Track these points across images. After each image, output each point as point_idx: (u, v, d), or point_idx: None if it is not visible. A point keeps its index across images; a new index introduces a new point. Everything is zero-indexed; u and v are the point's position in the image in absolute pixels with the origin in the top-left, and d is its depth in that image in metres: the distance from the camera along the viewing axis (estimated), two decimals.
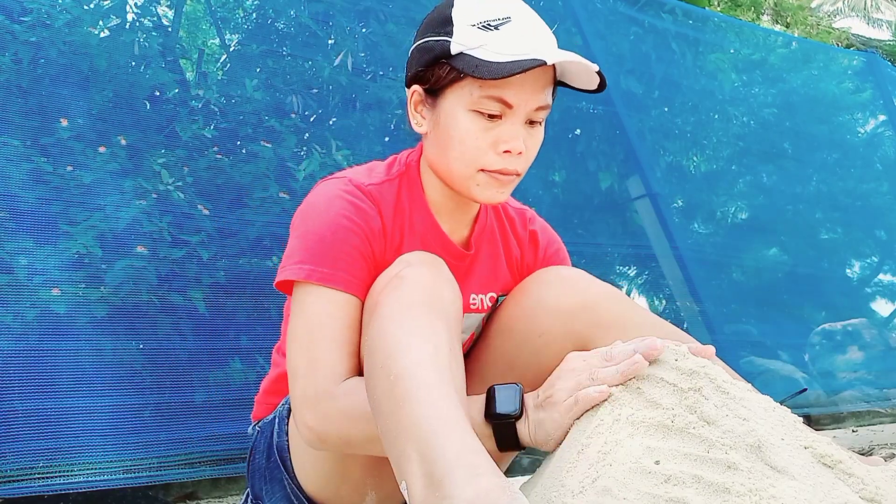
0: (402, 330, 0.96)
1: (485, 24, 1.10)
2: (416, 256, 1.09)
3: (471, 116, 1.11)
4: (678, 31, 4.17)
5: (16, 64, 2.33)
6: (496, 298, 1.31)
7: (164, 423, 2.24)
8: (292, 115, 2.82)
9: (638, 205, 3.77)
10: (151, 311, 2.31)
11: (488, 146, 1.12)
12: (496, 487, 0.78)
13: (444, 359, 0.93)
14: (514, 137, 1.11)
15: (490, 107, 1.10)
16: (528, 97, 1.11)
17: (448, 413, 0.86)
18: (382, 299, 1.02)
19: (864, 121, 5.16)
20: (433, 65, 1.13)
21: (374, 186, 1.19)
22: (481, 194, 1.16)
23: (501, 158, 1.12)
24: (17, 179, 2.22)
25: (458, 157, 1.13)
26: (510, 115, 1.11)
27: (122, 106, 2.52)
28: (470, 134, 1.12)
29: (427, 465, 0.82)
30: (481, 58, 1.08)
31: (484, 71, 1.06)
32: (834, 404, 3.95)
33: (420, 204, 1.23)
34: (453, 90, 1.12)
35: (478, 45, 1.09)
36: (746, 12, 7.28)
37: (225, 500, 2.43)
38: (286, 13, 3.15)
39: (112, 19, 2.65)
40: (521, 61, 1.06)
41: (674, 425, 0.86)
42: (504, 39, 1.09)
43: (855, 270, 4.92)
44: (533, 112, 1.13)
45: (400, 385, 0.90)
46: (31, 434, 2.04)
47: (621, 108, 3.76)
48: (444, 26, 1.13)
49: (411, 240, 1.20)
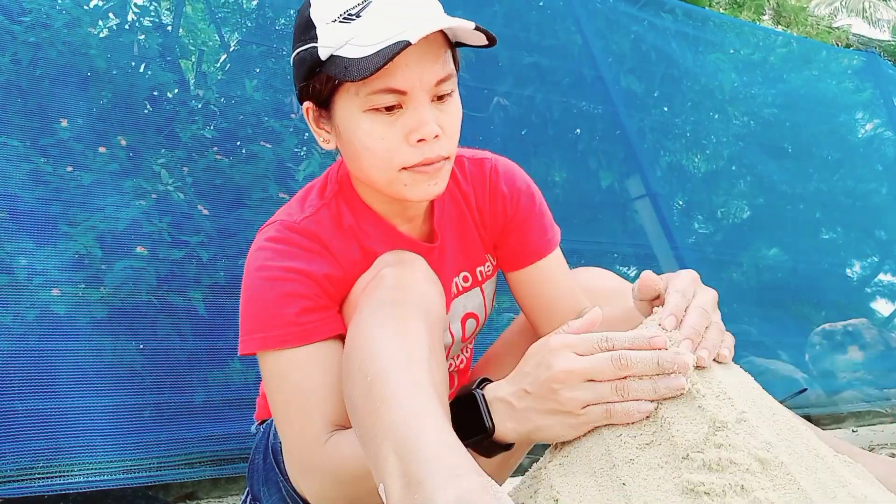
0: (379, 330, 0.92)
1: (345, 16, 0.98)
2: (393, 256, 1.07)
3: (368, 117, 1.00)
4: (678, 30, 4.17)
5: (15, 64, 2.33)
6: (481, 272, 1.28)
7: (164, 424, 2.24)
8: (292, 115, 2.82)
9: (638, 204, 3.77)
10: (151, 311, 2.31)
11: (400, 141, 1.01)
12: (478, 488, 0.74)
13: (423, 357, 0.90)
14: (422, 123, 0.99)
15: (383, 100, 0.99)
16: (420, 75, 0.99)
17: (426, 412, 0.83)
18: (361, 301, 1.00)
19: (864, 121, 5.16)
20: (310, 77, 1.03)
21: (307, 220, 1.10)
22: (413, 193, 1.05)
23: (418, 150, 1.01)
24: (17, 180, 2.22)
25: (373, 163, 1.03)
26: (410, 100, 0.99)
27: (121, 106, 2.52)
28: (373, 135, 1.00)
29: (405, 466, 0.79)
30: (349, 56, 0.97)
31: (353, 72, 0.95)
32: (834, 404, 3.95)
33: (366, 214, 1.14)
34: (340, 97, 1.02)
35: (344, 41, 0.98)
36: (747, 12, 7.28)
37: (225, 500, 2.43)
38: (286, 13, 3.15)
39: (111, 19, 2.65)
40: (384, 50, 0.94)
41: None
42: (369, 26, 0.97)
43: (855, 270, 4.92)
44: (434, 87, 1.00)
45: (377, 386, 0.87)
46: (31, 434, 2.04)
47: (621, 108, 3.76)
48: (308, 31, 1.02)
49: (371, 249, 1.13)
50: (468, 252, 1.24)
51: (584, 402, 0.85)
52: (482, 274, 1.27)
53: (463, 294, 1.26)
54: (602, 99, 3.77)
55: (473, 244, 1.25)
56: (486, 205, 1.23)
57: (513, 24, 3.59)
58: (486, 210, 1.24)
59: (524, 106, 3.62)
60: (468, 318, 1.27)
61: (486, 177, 1.23)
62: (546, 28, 3.72)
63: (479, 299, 1.28)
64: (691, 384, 0.86)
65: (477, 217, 1.23)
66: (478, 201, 1.23)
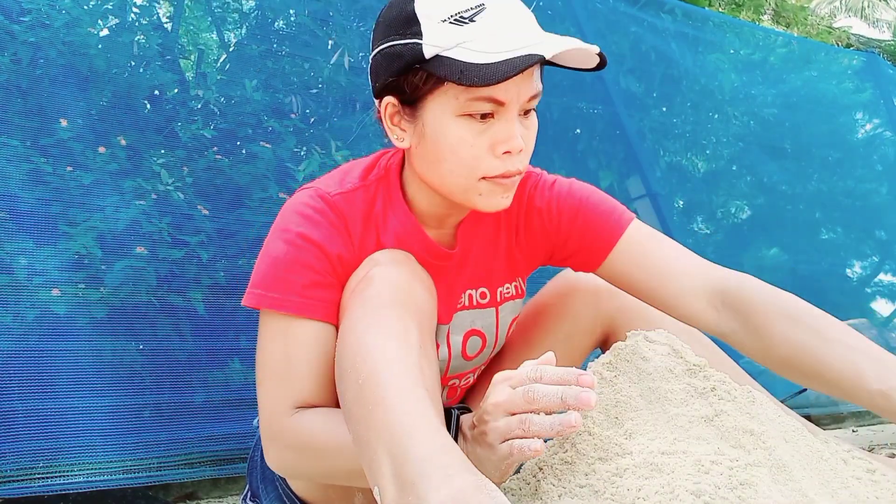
0: (369, 332, 0.93)
1: (457, 18, 0.97)
2: (384, 255, 1.06)
3: (460, 122, 1.00)
4: (678, 30, 4.17)
5: (15, 64, 2.33)
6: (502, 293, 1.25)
7: (164, 424, 2.24)
8: (292, 115, 2.82)
9: (638, 204, 3.77)
10: (151, 311, 2.31)
11: (486, 150, 1.01)
12: (471, 486, 0.74)
13: (414, 358, 0.90)
14: (511, 136, 1.01)
15: (481, 108, 0.99)
16: (519, 89, 1.00)
17: (418, 413, 0.83)
18: (351, 302, 1.00)
19: (864, 121, 5.15)
20: (405, 72, 1.01)
21: (340, 196, 1.11)
22: (485, 204, 1.06)
23: (501, 161, 1.02)
24: (16, 180, 2.21)
25: (455, 168, 1.03)
26: (503, 112, 1.01)
27: (121, 106, 2.51)
28: (464, 142, 1.00)
29: (398, 468, 0.79)
30: (464, 60, 0.96)
31: (473, 77, 0.94)
32: (834, 404, 3.94)
33: (398, 207, 1.14)
34: (435, 97, 1.01)
35: (454, 43, 0.97)
36: (747, 12, 7.28)
37: (225, 500, 2.43)
38: (285, 13, 3.15)
39: (111, 19, 2.65)
40: (513, 60, 0.94)
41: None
42: (484, 33, 0.97)
43: (855, 270, 4.92)
44: (527, 101, 1.03)
45: (368, 388, 0.87)
46: (31, 434, 2.03)
47: (621, 108, 3.76)
48: (409, 26, 1.00)
49: (388, 244, 1.13)
50: (493, 268, 1.23)
51: (501, 435, 0.86)
52: (502, 295, 1.25)
53: (475, 309, 1.24)
54: (602, 99, 3.77)
55: (502, 262, 1.23)
56: (522, 223, 1.23)
57: None
58: (522, 229, 1.23)
59: None
60: (472, 335, 1.25)
61: (525, 195, 1.23)
62: (545, 28, 3.72)
63: (491, 319, 1.26)
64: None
65: (513, 237, 1.22)
66: (516, 220, 1.23)
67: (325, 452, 1.02)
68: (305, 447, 1.04)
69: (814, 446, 0.90)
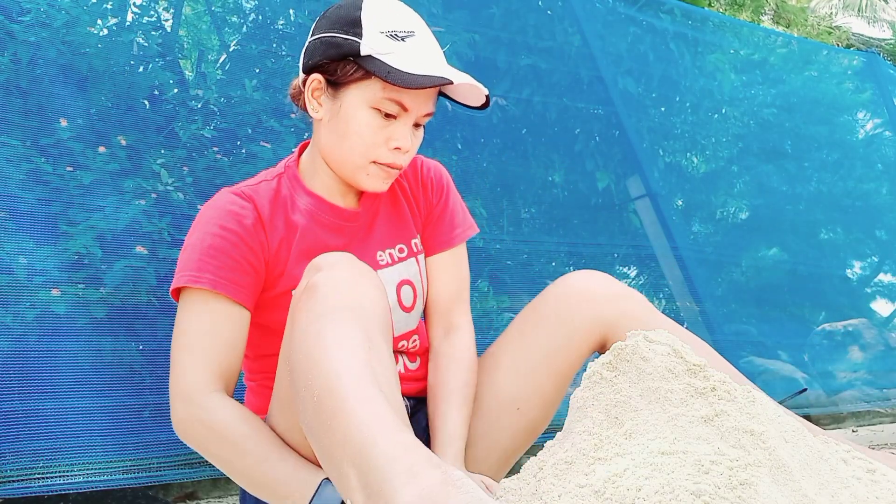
0: (316, 344, 0.95)
1: (392, 34, 1.20)
2: (324, 259, 1.09)
3: (370, 113, 1.21)
4: (677, 30, 4.17)
5: (15, 64, 2.33)
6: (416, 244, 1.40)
7: (164, 424, 2.23)
8: (292, 115, 2.82)
9: (638, 205, 3.77)
10: (151, 311, 2.31)
11: (382, 141, 1.23)
12: (437, 482, 0.75)
13: (362, 360, 0.92)
14: (404, 136, 1.23)
15: (389, 108, 1.21)
16: (422, 104, 1.23)
17: (376, 418, 0.84)
18: (295, 314, 1.02)
19: (864, 121, 5.16)
20: (340, 60, 1.21)
21: (248, 187, 1.28)
22: (369, 184, 1.26)
23: (392, 154, 1.24)
24: (16, 179, 2.22)
25: (355, 147, 1.23)
26: (404, 117, 1.23)
27: (121, 106, 2.52)
28: (368, 128, 1.21)
29: (363, 476, 0.80)
30: (392, 65, 1.17)
31: (396, 78, 1.16)
32: (834, 404, 3.95)
33: (301, 190, 1.31)
34: (358, 86, 1.21)
35: (387, 51, 1.19)
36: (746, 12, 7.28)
37: (225, 500, 2.43)
38: (285, 13, 3.15)
39: (111, 19, 2.65)
40: (430, 76, 1.16)
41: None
42: (410, 52, 1.20)
43: (855, 270, 4.92)
44: (421, 117, 1.25)
45: (323, 403, 0.88)
46: (31, 434, 2.03)
47: (621, 108, 3.76)
48: (353, 27, 1.21)
49: (299, 220, 1.27)
50: (401, 226, 1.39)
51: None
52: (417, 246, 1.40)
53: (398, 263, 1.36)
54: (601, 99, 3.77)
55: (406, 220, 1.40)
56: (419, 191, 1.42)
57: (511, 25, 3.59)
58: (420, 195, 1.42)
59: (523, 107, 3.62)
60: (403, 285, 1.36)
61: (418, 169, 1.44)
62: (544, 29, 3.72)
63: (414, 268, 1.38)
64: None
65: (411, 200, 1.41)
66: (410, 186, 1.42)
67: (232, 445, 1.09)
68: (218, 431, 1.10)
69: (814, 446, 0.90)
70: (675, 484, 0.79)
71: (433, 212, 1.43)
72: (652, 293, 4.12)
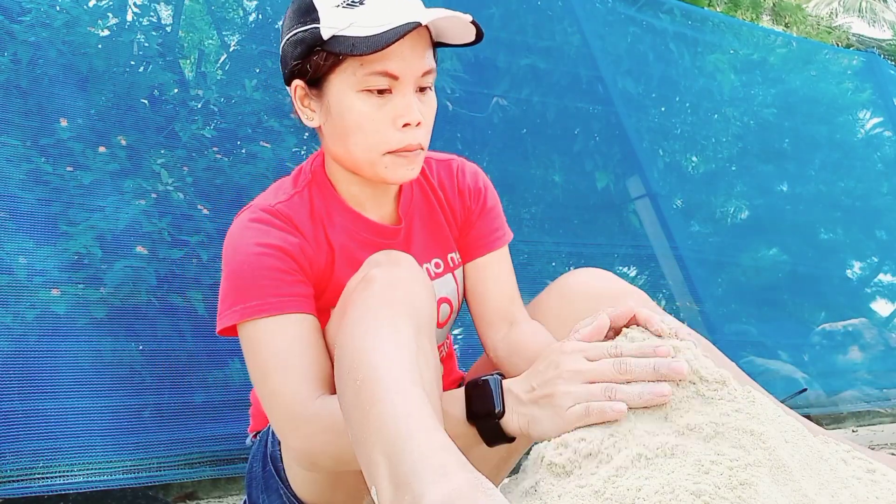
0: (368, 333, 0.93)
1: (349, 2, 1.09)
2: (383, 256, 1.07)
3: (361, 97, 1.09)
4: (677, 31, 4.17)
5: (15, 64, 2.33)
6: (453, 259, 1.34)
7: (164, 424, 2.24)
8: (292, 115, 2.82)
9: (637, 205, 3.77)
10: (151, 311, 2.31)
11: (387, 124, 1.10)
12: (466, 485, 0.74)
13: (410, 357, 0.91)
14: (408, 108, 1.10)
15: (377, 82, 1.08)
16: (412, 63, 1.09)
17: (415, 413, 0.83)
18: (349, 304, 1.01)
19: (864, 121, 5.16)
20: (308, 55, 1.11)
21: (282, 204, 1.17)
22: (392, 175, 1.14)
23: (403, 134, 1.11)
24: (17, 179, 2.22)
25: (360, 141, 1.12)
26: (399, 87, 1.10)
27: (121, 106, 2.52)
28: (365, 115, 1.10)
29: (394, 468, 0.79)
30: (355, 35, 1.06)
31: (362, 47, 1.05)
32: (834, 404, 3.95)
33: (336, 202, 1.22)
34: (336, 75, 1.10)
35: (347, 24, 1.07)
36: (746, 12, 7.28)
37: (225, 500, 2.43)
38: (285, 13, 3.15)
39: (111, 19, 2.65)
40: (394, 28, 1.04)
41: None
42: (371, 12, 1.07)
43: (855, 270, 4.92)
44: (420, 78, 1.11)
45: (365, 390, 0.87)
46: (31, 434, 2.04)
47: (620, 108, 3.76)
48: (308, 14, 1.11)
49: (337, 238, 1.19)
50: (438, 239, 1.32)
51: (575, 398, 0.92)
52: (453, 261, 1.34)
53: (437, 279, 1.31)
54: (601, 99, 3.77)
55: (443, 233, 1.33)
56: (456, 199, 1.33)
57: (510, 25, 3.59)
58: (456, 204, 1.34)
59: (523, 106, 3.62)
60: (442, 303, 1.31)
61: (454, 174, 1.34)
62: (544, 29, 3.72)
63: (452, 285, 1.33)
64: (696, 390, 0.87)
65: (447, 209, 1.33)
66: (446, 195, 1.33)
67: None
68: (340, 426, 1.01)
69: (814, 446, 0.90)
70: (675, 484, 0.79)
71: (470, 217, 1.34)
72: (652, 293, 4.11)
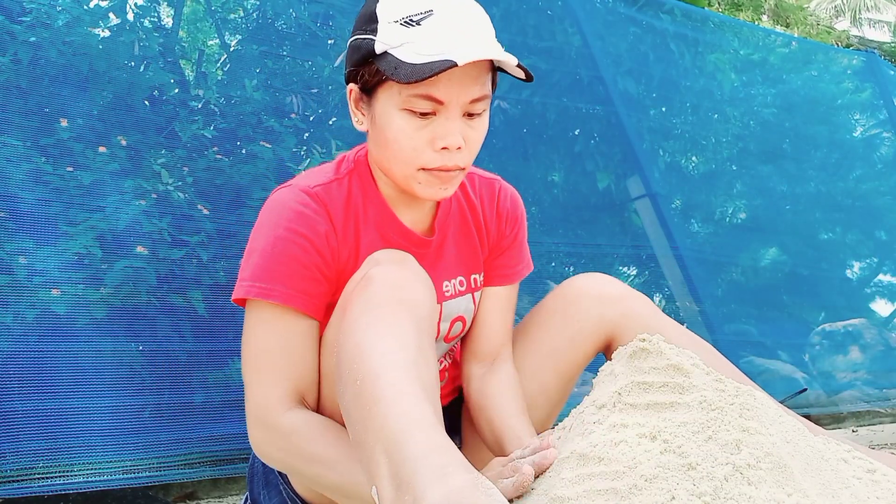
0: (367, 333, 0.94)
1: (407, 20, 1.06)
2: (384, 255, 1.08)
3: (403, 115, 1.08)
4: (677, 31, 4.17)
5: (15, 64, 2.33)
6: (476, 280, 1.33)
7: (164, 424, 2.24)
8: (292, 115, 2.82)
9: (637, 205, 3.77)
10: (151, 311, 2.31)
11: (425, 144, 1.09)
12: (467, 485, 0.75)
13: (410, 357, 0.91)
14: (449, 133, 1.08)
15: (420, 105, 1.07)
16: (459, 91, 1.07)
17: (415, 413, 0.84)
18: (350, 302, 1.01)
19: (864, 121, 5.16)
20: (363, 64, 1.11)
21: (320, 188, 1.17)
22: (424, 192, 1.14)
23: (440, 155, 1.09)
24: (17, 179, 2.21)
25: (396, 155, 1.11)
26: (444, 111, 1.08)
27: (121, 106, 2.52)
28: (403, 133, 1.09)
29: (395, 467, 0.80)
30: (400, 58, 1.04)
31: (401, 74, 1.03)
32: (834, 404, 3.95)
33: (374, 197, 1.21)
34: (383, 89, 1.09)
35: (400, 43, 1.06)
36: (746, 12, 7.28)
37: (225, 500, 2.43)
38: (286, 13, 3.15)
39: (112, 20, 2.65)
40: (432, 63, 1.02)
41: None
42: (425, 37, 1.05)
43: (855, 271, 4.92)
44: (468, 105, 1.09)
45: (366, 388, 0.87)
46: (31, 434, 2.03)
47: (621, 109, 3.76)
48: (370, 23, 1.10)
49: (367, 233, 1.19)
50: (467, 257, 1.30)
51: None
52: (476, 282, 1.33)
53: (459, 297, 1.29)
54: (601, 100, 3.77)
55: (473, 252, 1.31)
56: (493, 220, 1.32)
57: (510, 25, 3.59)
58: (492, 225, 1.32)
59: (523, 107, 3.62)
60: (455, 321, 1.31)
61: (495, 195, 1.33)
62: (545, 29, 3.72)
63: (470, 305, 1.32)
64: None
65: (483, 229, 1.31)
66: (485, 214, 1.31)
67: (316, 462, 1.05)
68: (298, 451, 1.05)
69: (814, 446, 0.90)
70: (675, 484, 0.79)
71: (502, 243, 1.33)
72: (652, 293, 4.12)
